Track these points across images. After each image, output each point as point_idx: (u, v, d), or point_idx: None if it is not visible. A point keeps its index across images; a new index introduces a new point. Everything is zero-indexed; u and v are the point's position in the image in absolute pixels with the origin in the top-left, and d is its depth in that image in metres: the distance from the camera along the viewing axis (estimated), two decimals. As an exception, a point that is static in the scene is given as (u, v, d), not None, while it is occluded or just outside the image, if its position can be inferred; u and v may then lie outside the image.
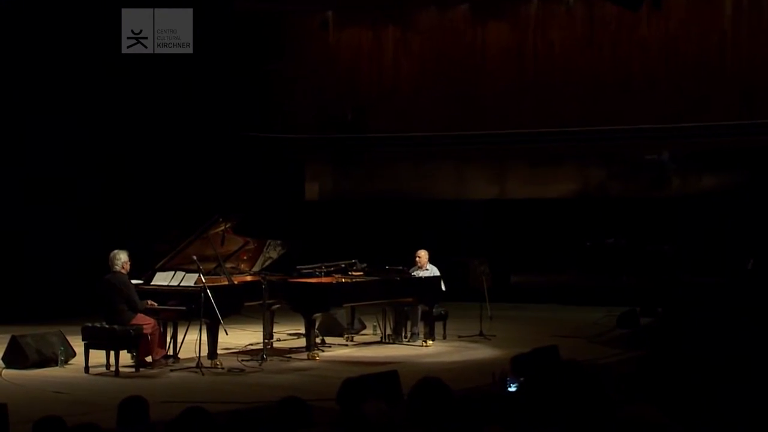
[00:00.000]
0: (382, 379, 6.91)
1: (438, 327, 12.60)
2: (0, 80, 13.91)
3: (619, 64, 17.47)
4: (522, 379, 4.95)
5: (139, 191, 16.44)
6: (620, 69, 17.43)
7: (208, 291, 10.02)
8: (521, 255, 18.06)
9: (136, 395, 5.01)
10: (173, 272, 10.58)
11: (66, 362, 10.51)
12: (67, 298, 14.72)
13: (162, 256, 10.93)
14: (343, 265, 11.99)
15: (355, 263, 12.16)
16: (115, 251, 10.31)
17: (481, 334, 12.73)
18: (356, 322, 12.95)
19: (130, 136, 16.05)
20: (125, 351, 10.26)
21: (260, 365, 10.47)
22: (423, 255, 12.62)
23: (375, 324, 12.87)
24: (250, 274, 11.57)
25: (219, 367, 10.21)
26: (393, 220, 18.67)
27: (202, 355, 10.16)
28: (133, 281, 10.41)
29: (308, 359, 10.91)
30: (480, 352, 11.75)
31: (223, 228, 10.91)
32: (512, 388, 5.00)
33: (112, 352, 10.09)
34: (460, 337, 12.77)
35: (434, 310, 12.34)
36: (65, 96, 14.96)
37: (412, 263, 12.62)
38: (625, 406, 3.83)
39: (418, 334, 12.39)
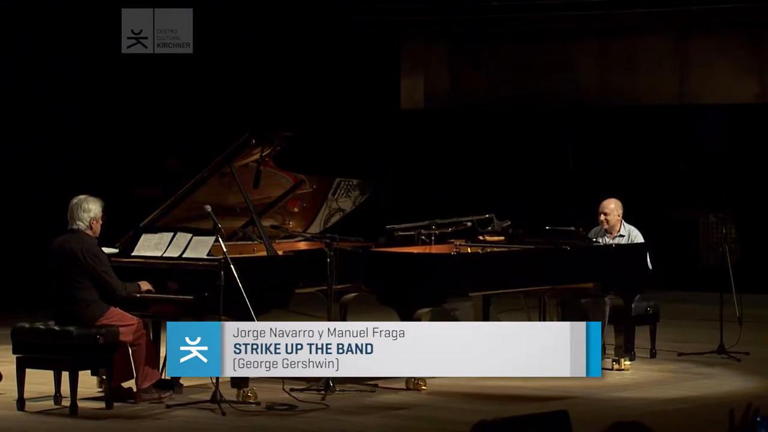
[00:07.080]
0: (540, 425, 7.02)
1: (642, 334, 12.69)
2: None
3: None
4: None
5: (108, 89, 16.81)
6: None
7: (231, 267, 10.24)
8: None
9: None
10: (171, 235, 10.81)
11: (-15, 391, 10.89)
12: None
13: (151, 206, 11.16)
14: (469, 224, 12.11)
15: (491, 220, 12.25)
16: (80, 198, 10.52)
17: (721, 349, 12.77)
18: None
19: None
20: (89, 372, 10.57)
21: (324, 399, 10.70)
22: (612, 208, 12.62)
23: (527, 329, 12.99)
24: (306, 239, 11.79)
25: (251, 401, 10.45)
26: (559, 145, 18.66)
27: (222, 380, 10.39)
28: (104, 250, 10.64)
29: (408, 389, 11.09)
30: (719, 381, 11.79)
31: (258, 157, 11.13)
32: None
33: (65, 374, 10.35)
34: (681, 354, 12.82)
35: (636, 304, 12.40)
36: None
37: (594, 222, 12.68)
38: None
39: (605, 347, 12.46)
